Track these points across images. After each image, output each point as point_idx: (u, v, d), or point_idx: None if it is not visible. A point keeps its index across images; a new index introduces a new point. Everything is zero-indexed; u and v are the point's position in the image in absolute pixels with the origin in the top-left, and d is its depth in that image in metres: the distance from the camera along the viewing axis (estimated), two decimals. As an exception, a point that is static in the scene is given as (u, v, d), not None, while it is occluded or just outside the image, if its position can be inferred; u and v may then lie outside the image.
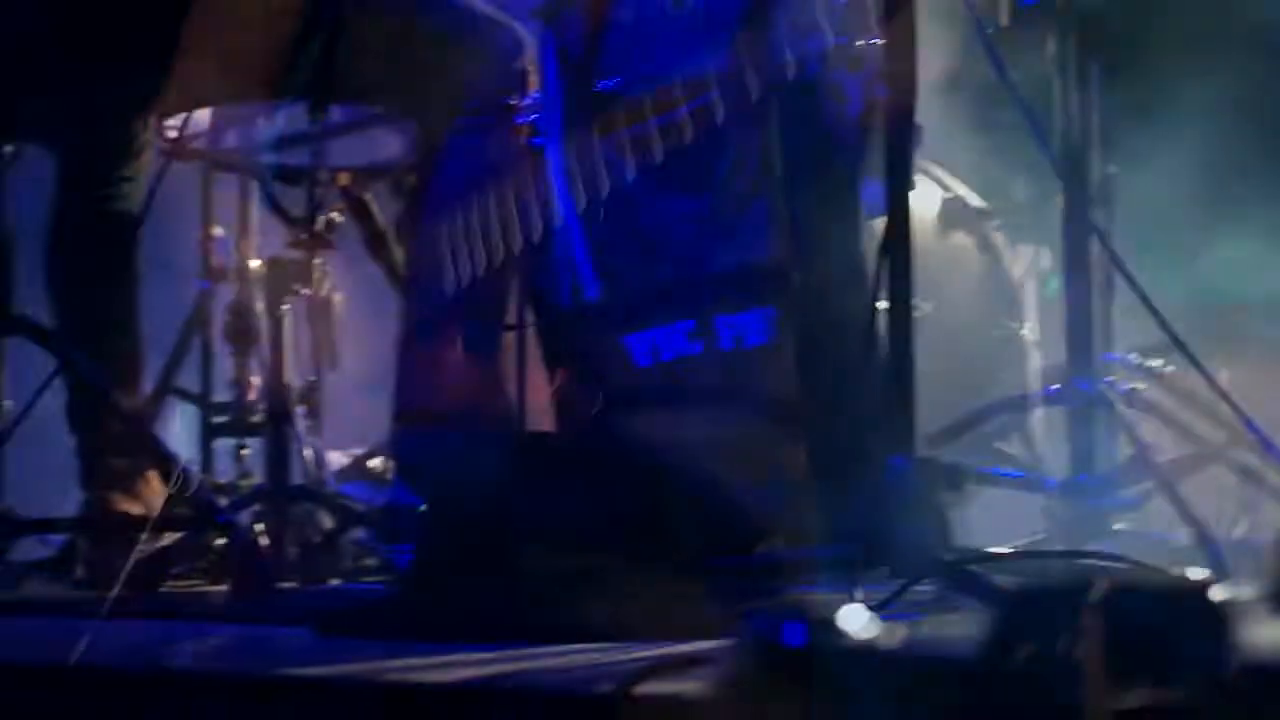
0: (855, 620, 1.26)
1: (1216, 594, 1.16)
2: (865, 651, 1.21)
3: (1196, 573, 1.60)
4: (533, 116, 3.50)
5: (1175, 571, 2.53)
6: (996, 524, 3.84)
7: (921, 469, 2.91)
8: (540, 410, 3.48)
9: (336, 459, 4.05)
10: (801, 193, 3.28)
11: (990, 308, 3.93)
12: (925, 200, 3.90)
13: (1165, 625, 1.06)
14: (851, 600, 2.79)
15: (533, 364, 3.53)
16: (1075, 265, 3.57)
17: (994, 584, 2.56)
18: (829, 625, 1.25)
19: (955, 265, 3.93)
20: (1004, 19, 3.63)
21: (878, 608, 2.64)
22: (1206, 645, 1.05)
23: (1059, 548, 3.55)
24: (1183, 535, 3.31)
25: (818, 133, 3.30)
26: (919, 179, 3.89)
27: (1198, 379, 3.30)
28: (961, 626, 1.23)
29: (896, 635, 1.26)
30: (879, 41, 3.09)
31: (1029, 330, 3.96)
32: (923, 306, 3.62)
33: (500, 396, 3.55)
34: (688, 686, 1.45)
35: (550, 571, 2.62)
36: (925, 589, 2.69)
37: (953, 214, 3.92)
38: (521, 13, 3.54)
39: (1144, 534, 3.61)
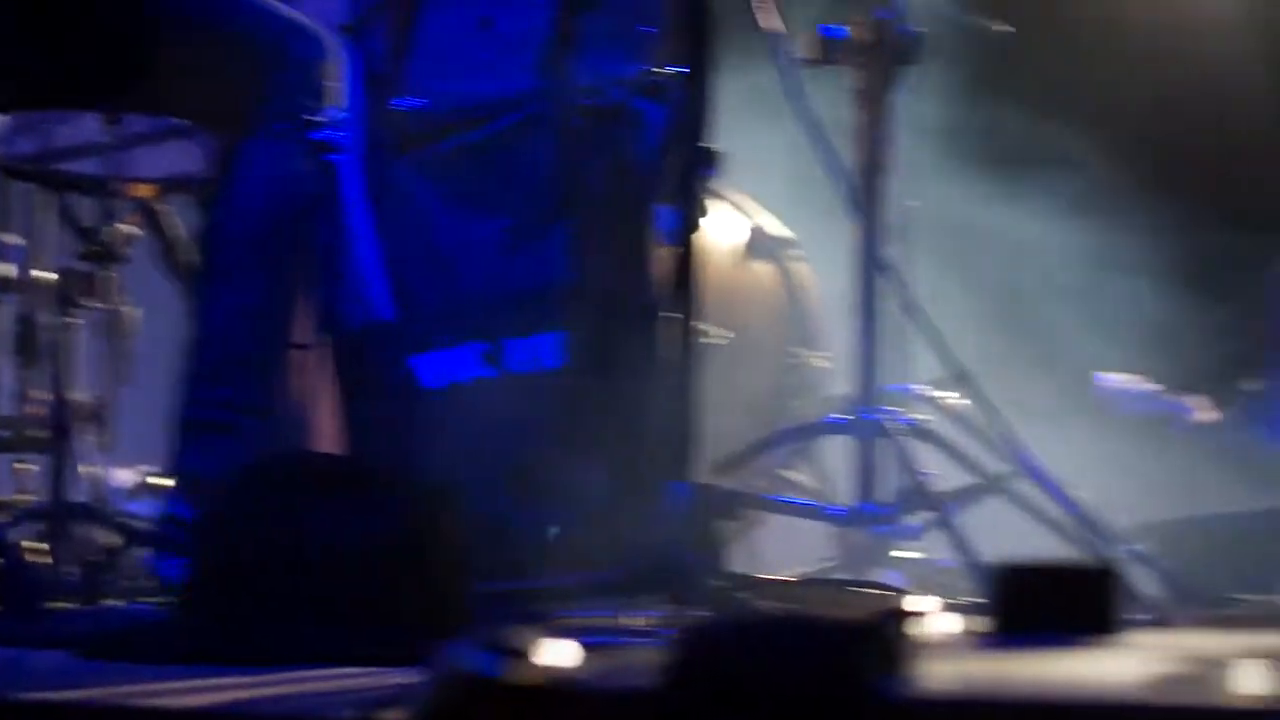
0: (554, 650, 1.27)
1: (890, 626, 1.19)
2: (559, 682, 1.23)
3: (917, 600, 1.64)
4: (334, 132, 3.49)
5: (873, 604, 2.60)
6: (795, 549, 3.89)
7: (700, 495, 2.95)
8: (329, 429, 3.46)
9: (127, 476, 4.00)
10: (598, 218, 3.30)
11: (789, 337, 3.97)
12: (729, 229, 3.94)
13: (784, 660, 1.09)
14: (622, 622, 2.83)
15: (323, 383, 3.51)
16: (864, 296, 3.63)
17: (757, 610, 2.60)
18: (525, 655, 1.26)
19: (756, 294, 3.96)
20: (810, 52, 3.67)
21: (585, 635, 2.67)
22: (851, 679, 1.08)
23: (844, 574, 3.61)
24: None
25: (617, 159, 3.33)
26: (723, 208, 3.93)
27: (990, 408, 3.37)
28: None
29: (592, 665, 1.28)
30: (680, 70, 3.13)
31: (825, 360, 4.00)
32: (722, 335, 3.67)
33: (288, 413, 3.52)
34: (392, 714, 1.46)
35: (316, 595, 2.61)
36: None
37: (755, 243, 3.96)
38: (328, 25, 3.52)
39: (928, 561, 3.68)
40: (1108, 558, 3.27)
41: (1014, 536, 3.61)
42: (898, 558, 3.63)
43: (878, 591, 2.87)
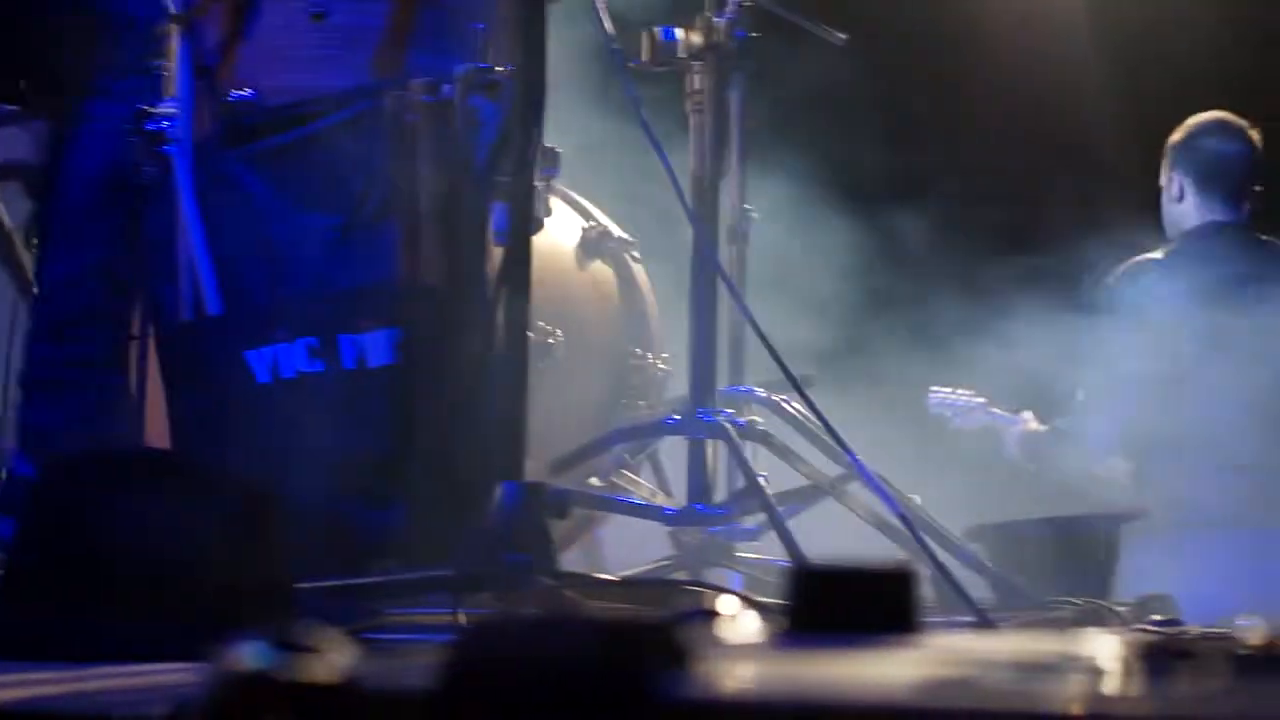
0: (335, 648, 1.26)
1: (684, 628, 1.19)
2: (336, 680, 1.22)
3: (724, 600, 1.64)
4: (165, 123, 3.44)
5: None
6: (638, 548, 3.90)
7: (531, 494, 2.95)
8: (159, 424, 3.42)
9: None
10: (430, 216, 3.29)
11: (626, 337, 3.97)
12: (566, 228, 3.93)
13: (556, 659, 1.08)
14: (455, 620, 2.82)
15: (154, 376, 3.47)
16: (700, 299, 3.64)
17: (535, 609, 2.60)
18: (307, 652, 1.25)
19: (594, 294, 3.96)
20: (644, 54, 3.67)
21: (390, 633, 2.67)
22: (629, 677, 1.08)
23: (682, 574, 3.62)
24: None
25: (450, 156, 3.31)
26: (561, 207, 3.92)
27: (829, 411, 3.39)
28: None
29: (375, 664, 1.27)
30: (515, 68, 3.12)
31: (663, 361, 4.01)
32: (554, 334, 3.66)
33: (119, 408, 3.48)
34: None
35: (134, 590, 2.58)
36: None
37: (593, 243, 3.95)
38: (159, 14, 3.48)
39: (766, 562, 3.70)
40: (936, 560, 3.31)
41: (846, 539, 3.65)
42: (736, 558, 3.65)
43: (700, 591, 2.87)
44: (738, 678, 1.19)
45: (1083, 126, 5.70)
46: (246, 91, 3.37)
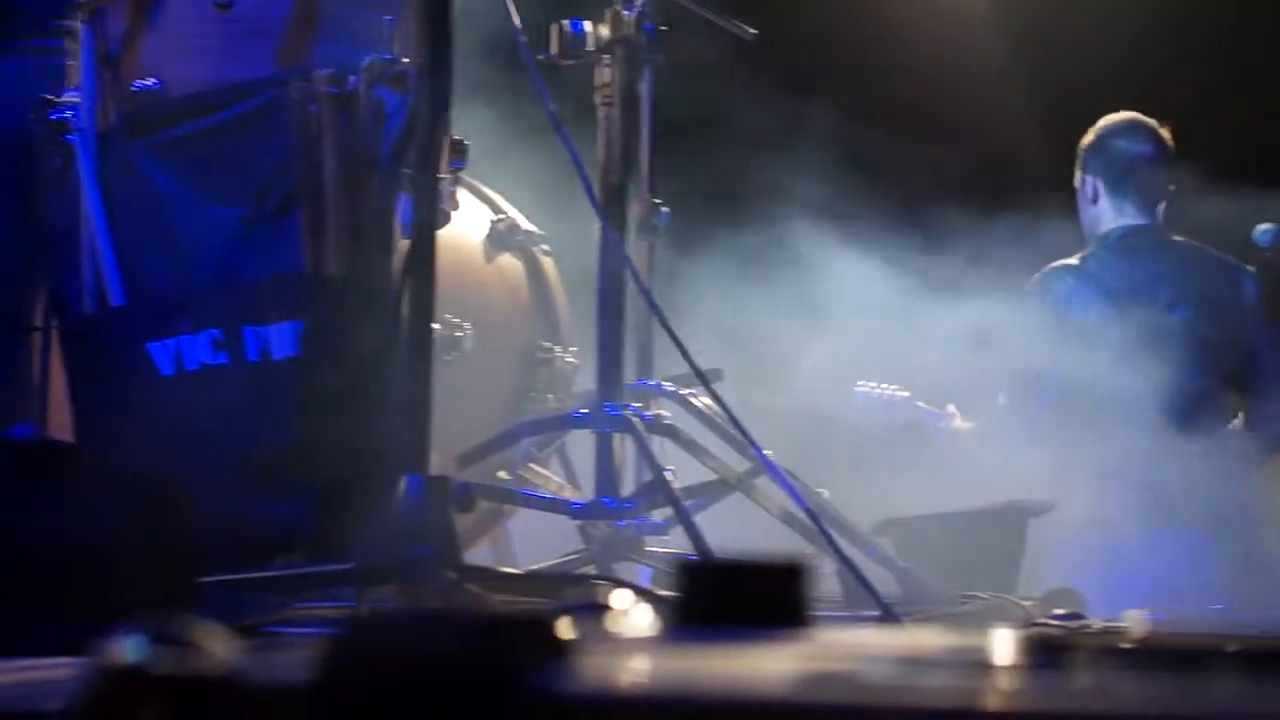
0: (215, 642, 1.25)
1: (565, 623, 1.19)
2: (213, 673, 1.21)
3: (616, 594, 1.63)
4: (68, 113, 3.41)
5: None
6: (549, 541, 3.89)
7: (435, 487, 2.94)
8: (61, 416, 3.39)
9: None
10: (335, 208, 3.27)
11: (535, 330, 3.96)
12: (474, 221, 3.91)
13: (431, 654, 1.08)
14: (359, 613, 2.81)
15: (56, 368, 3.44)
16: (607, 293, 3.64)
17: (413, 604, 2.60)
18: (185, 645, 1.24)
19: (502, 287, 3.95)
20: (554, 48, 3.67)
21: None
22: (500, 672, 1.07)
23: (591, 568, 3.62)
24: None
25: (355, 148, 3.30)
26: (469, 199, 3.91)
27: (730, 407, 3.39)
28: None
29: (255, 657, 1.26)
30: (421, 60, 3.10)
31: (571, 354, 4.00)
32: (463, 327, 3.65)
33: (22, 400, 3.45)
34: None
35: (35, 583, 2.56)
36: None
37: (502, 236, 3.94)
38: (61, 8, 3.45)
39: (678, 555, 3.69)
40: (842, 555, 3.32)
41: (759, 534, 3.66)
42: (646, 552, 3.64)
43: (597, 585, 2.87)
44: (616, 672, 1.19)
45: (993, 123, 5.74)
46: (151, 81, 3.34)
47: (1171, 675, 1.23)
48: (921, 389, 5.02)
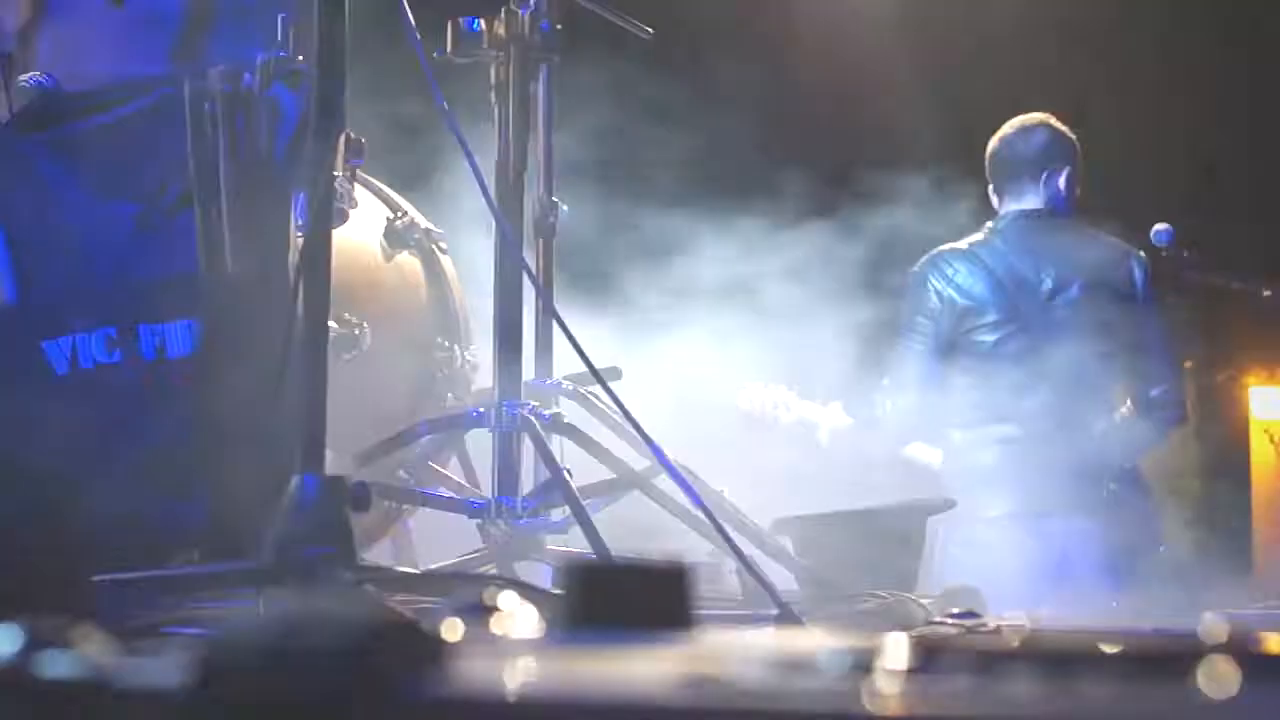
0: (91, 644, 1.24)
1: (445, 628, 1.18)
2: (86, 676, 1.20)
3: (497, 596, 1.63)
4: (-39, 109, 3.38)
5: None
6: (451, 540, 3.88)
7: (330, 487, 2.92)
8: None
9: None
10: (230, 205, 3.25)
11: (433, 328, 3.95)
12: (371, 218, 3.90)
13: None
14: (252, 614, 2.79)
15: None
16: (505, 291, 3.63)
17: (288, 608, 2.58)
18: (61, 647, 1.23)
19: (400, 285, 3.93)
20: (448, 45, 3.66)
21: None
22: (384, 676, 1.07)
23: (492, 567, 3.61)
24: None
25: (250, 145, 3.27)
26: (366, 197, 3.89)
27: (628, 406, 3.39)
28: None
29: (122, 659, 1.25)
30: (316, 57, 3.08)
31: (470, 353, 3.99)
32: (361, 325, 3.63)
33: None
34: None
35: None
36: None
37: (399, 234, 3.92)
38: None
39: (579, 554, 3.69)
40: (739, 553, 3.32)
41: (660, 533, 3.66)
42: (546, 551, 3.64)
43: (482, 586, 2.87)
44: (493, 675, 1.19)
45: (898, 125, 5.78)
46: (44, 77, 3.31)
47: (1047, 678, 1.24)
48: (814, 386, 5.05)
